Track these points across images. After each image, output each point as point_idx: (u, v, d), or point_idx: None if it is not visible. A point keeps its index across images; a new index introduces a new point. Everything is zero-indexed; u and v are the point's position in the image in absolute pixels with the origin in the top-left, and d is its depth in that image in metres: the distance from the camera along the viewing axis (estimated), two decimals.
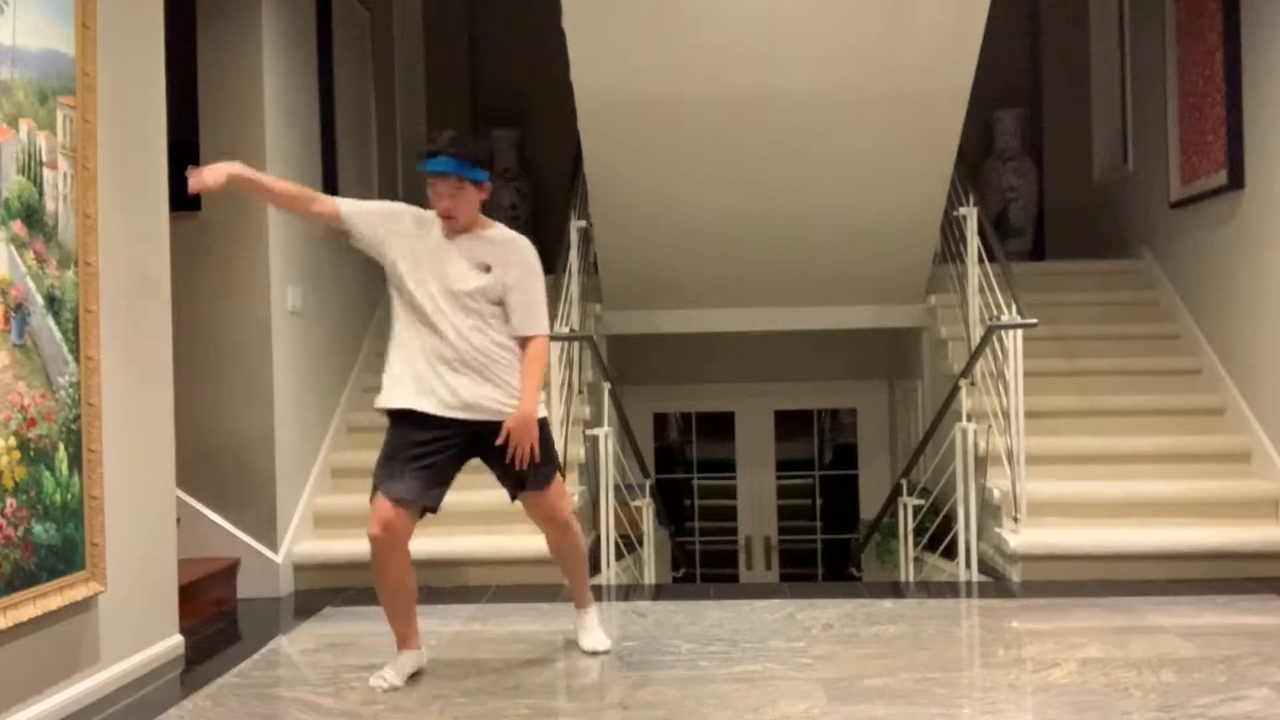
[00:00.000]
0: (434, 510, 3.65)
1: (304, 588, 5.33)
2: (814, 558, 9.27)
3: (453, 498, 6.05)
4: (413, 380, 3.59)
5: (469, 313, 3.60)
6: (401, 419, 3.62)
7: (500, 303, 3.65)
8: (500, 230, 3.75)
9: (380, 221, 3.69)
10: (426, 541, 5.43)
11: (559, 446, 5.55)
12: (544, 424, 3.75)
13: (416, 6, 8.52)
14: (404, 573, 3.62)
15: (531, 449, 3.66)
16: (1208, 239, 6.37)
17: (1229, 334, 6.15)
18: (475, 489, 5.74)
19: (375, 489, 3.56)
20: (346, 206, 3.70)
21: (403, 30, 8.09)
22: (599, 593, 5.44)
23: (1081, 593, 4.84)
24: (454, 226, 3.64)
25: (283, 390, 5.35)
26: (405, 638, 3.73)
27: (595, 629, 4.06)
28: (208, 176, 3.44)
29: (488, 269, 3.63)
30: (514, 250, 3.71)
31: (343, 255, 3.98)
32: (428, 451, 3.58)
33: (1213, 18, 6.06)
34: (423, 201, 3.78)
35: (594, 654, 3.96)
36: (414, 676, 3.72)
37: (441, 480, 3.64)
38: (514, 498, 3.84)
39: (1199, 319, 6.52)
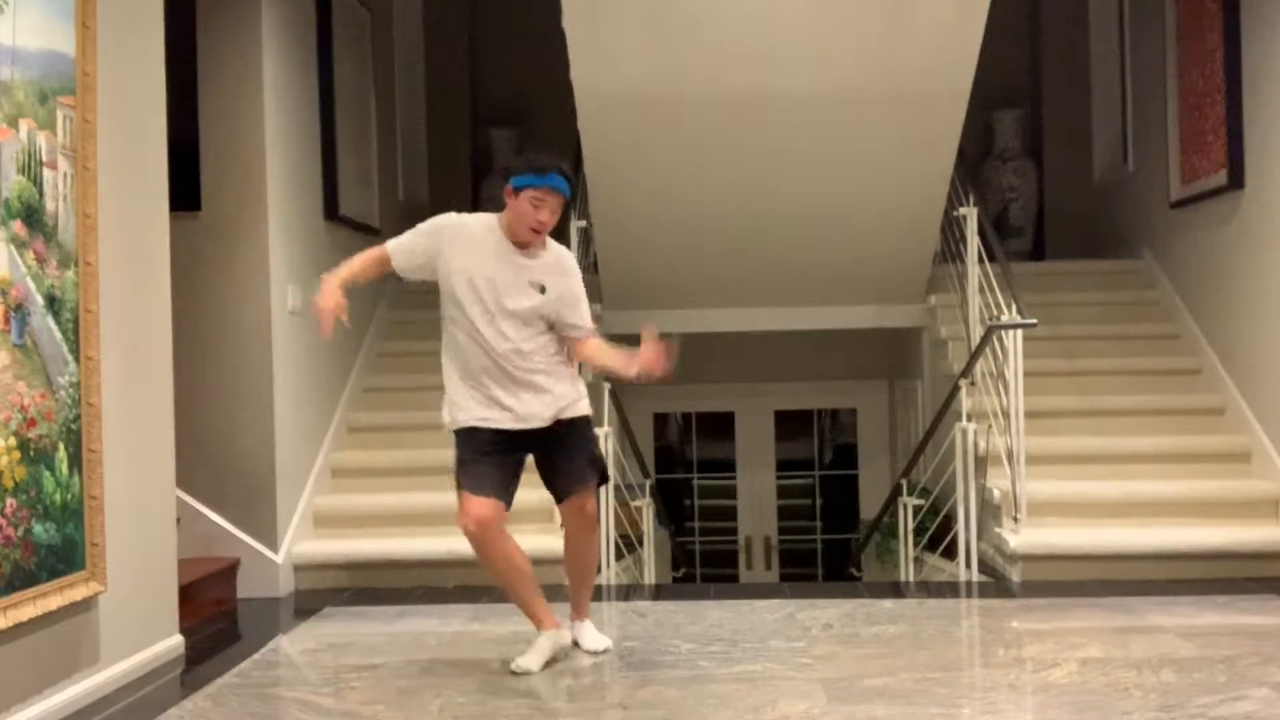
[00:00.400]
0: (508, 506, 3.77)
1: (304, 588, 5.33)
2: (814, 558, 9.27)
3: (453, 498, 6.05)
4: (476, 400, 3.70)
5: (521, 327, 3.67)
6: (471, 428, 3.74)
7: (551, 317, 3.74)
8: (554, 249, 3.82)
9: (422, 249, 3.77)
10: (427, 541, 5.45)
11: None
12: (589, 422, 3.87)
13: (416, 6, 8.52)
14: (511, 552, 3.75)
15: (592, 441, 3.89)
16: (1208, 239, 6.37)
17: (1229, 334, 6.15)
18: None
19: (460, 488, 3.70)
20: (392, 247, 3.81)
21: (403, 30, 8.09)
22: (599, 593, 5.45)
23: (1081, 593, 4.84)
24: (534, 241, 3.71)
25: (283, 390, 5.35)
26: (536, 619, 3.85)
27: (594, 631, 4.07)
28: (327, 306, 3.63)
29: (543, 289, 3.69)
30: (566, 269, 3.80)
31: (342, 256, 3.97)
32: (497, 449, 3.71)
33: (1213, 18, 6.06)
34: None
35: (597, 653, 3.97)
36: (413, 677, 3.72)
37: (515, 475, 3.79)
38: (565, 497, 3.87)
39: (1199, 319, 6.52)
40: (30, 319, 3.26)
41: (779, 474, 9.23)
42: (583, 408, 3.84)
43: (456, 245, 3.72)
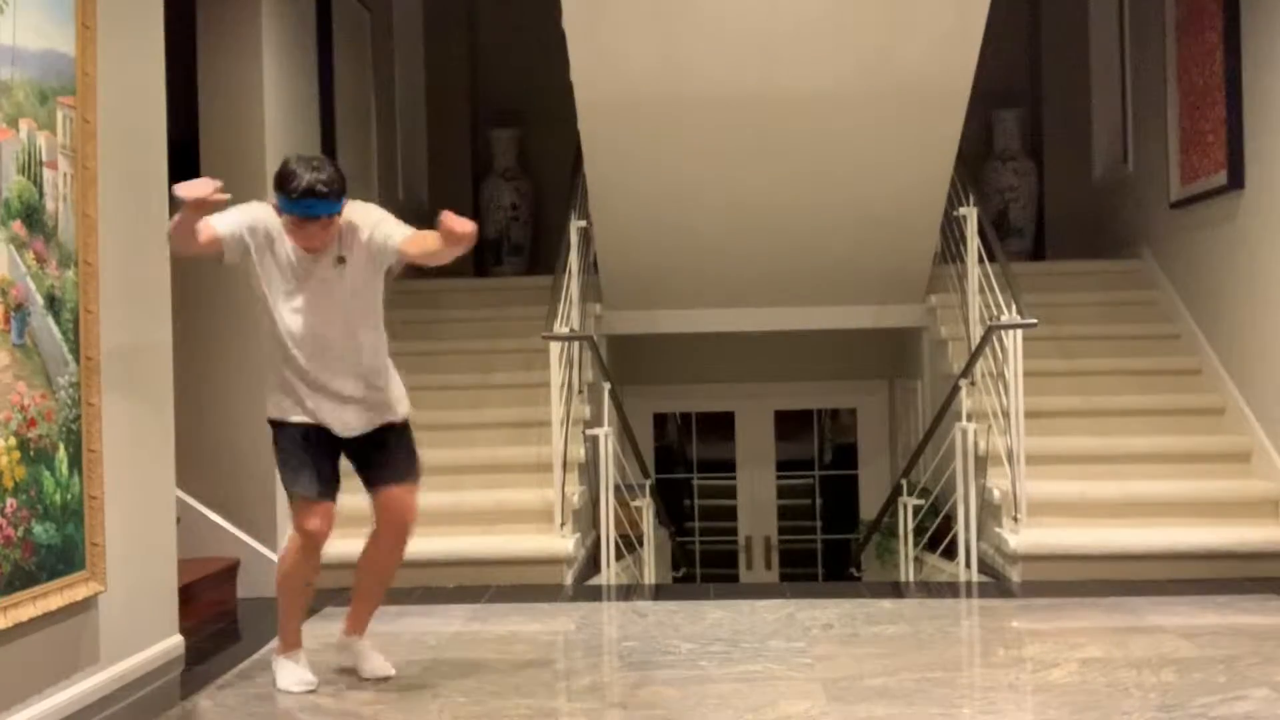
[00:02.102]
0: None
1: None
2: (814, 558, 9.27)
3: (453, 498, 6.06)
4: (300, 398, 3.54)
5: (346, 321, 3.53)
6: (291, 425, 3.57)
7: (368, 282, 3.55)
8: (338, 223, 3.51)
9: (248, 233, 3.47)
10: (427, 541, 5.43)
11: (559, 447, 5.58)
12: (408, 425, 3.72)
13: (416, 6, 8.52)
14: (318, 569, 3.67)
15: (408, 438, 3.69)
16: (1208, 239, 6.37)
17: (1229, 334, 6.15)
18: (475, 489, 5.78)
19: (292, 492, 3.54)
20: (223, 227, 3.44)
21: (403, 30, 8.09)
22: (599, 593, 5.46)
23: (1081, 593, 4.84)
24: (313, 254, 3.48)
25: None
26: (296, 640, 3.72)
27: (376, 654, 3.78)
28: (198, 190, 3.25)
29: (342, 260, 3.49)
30: (359, 216, 3.54)
31: None
32: (321, 452, 3.57)
33: (1213, 17, 6.06)
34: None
35: (382, 679, 3.69)
36: (413, 677, 3.71)
37: (336, 475, 3.63)
38: (379, 486, 3.64)
39: (1199, 319, 6.52)
40: (30, 319, 3.26)
41: (779, 474, 9.22)
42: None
43: (265, 246, 3.49)
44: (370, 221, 3.54)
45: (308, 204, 3.35)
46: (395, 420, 3.66)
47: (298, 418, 3.54)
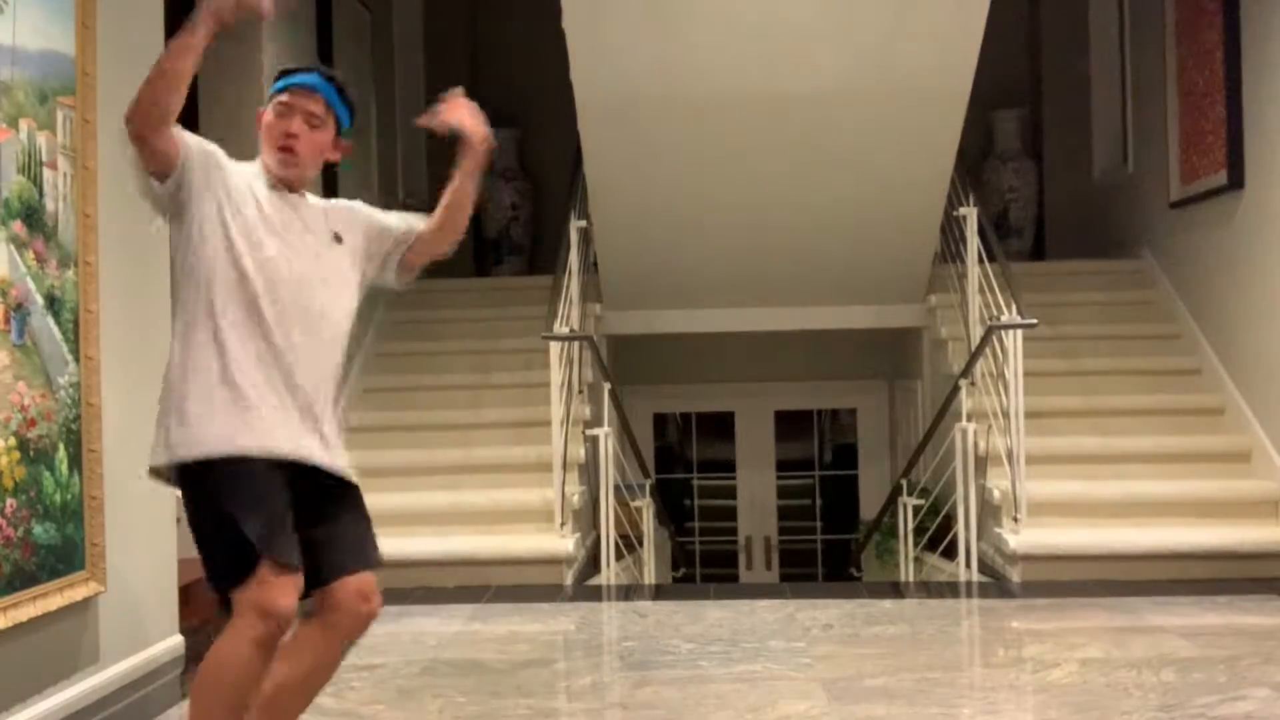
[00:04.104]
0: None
1: None
2: (814, 558, 9.27)
3: (452, 498, 6.04)
4: (265, 410, 2.53)
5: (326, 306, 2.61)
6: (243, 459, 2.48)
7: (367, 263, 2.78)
8: (329, 202, 2.82)
9: (211, 156, 2.58)
10: (427, 541, 5.46)
11: (559, 447, 5.58)
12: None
13: (416, 7, 8.52)
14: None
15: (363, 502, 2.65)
16: (1208, 239, 6.37)
17: (1229, 334, 6.15)
18: (474, 489, 5.77)
19: (254, 555, 2.39)
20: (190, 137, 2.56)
21: (403, 30, 8.09)
22: (599, 593, 5.45)
23: (1081, 593, 4.84)
24: (290, 169, 2.62)
25: None
26: None
27: None
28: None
29: (339, 239, 2.71)
30: (350, 206, 2.88)
31: None
32: (286, 500, 2.50)
33: (1212, 17, 6.06)
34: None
35: None
36: (413, 677, 3.71)
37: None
38: (336, 570, 2.50)
39: (1199, 319, 6.52)
40: (30, 319, 3.26)
41: (779, 474, 9.22)
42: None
43: (228, 194, 2.57)
44: (377, 212, 2.91)
45: (312, 75, 2.66)
46: (348, 474, 2.59)
47: (254, 443, 2.49)
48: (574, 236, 6.45)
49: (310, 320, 2.56)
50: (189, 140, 2.54)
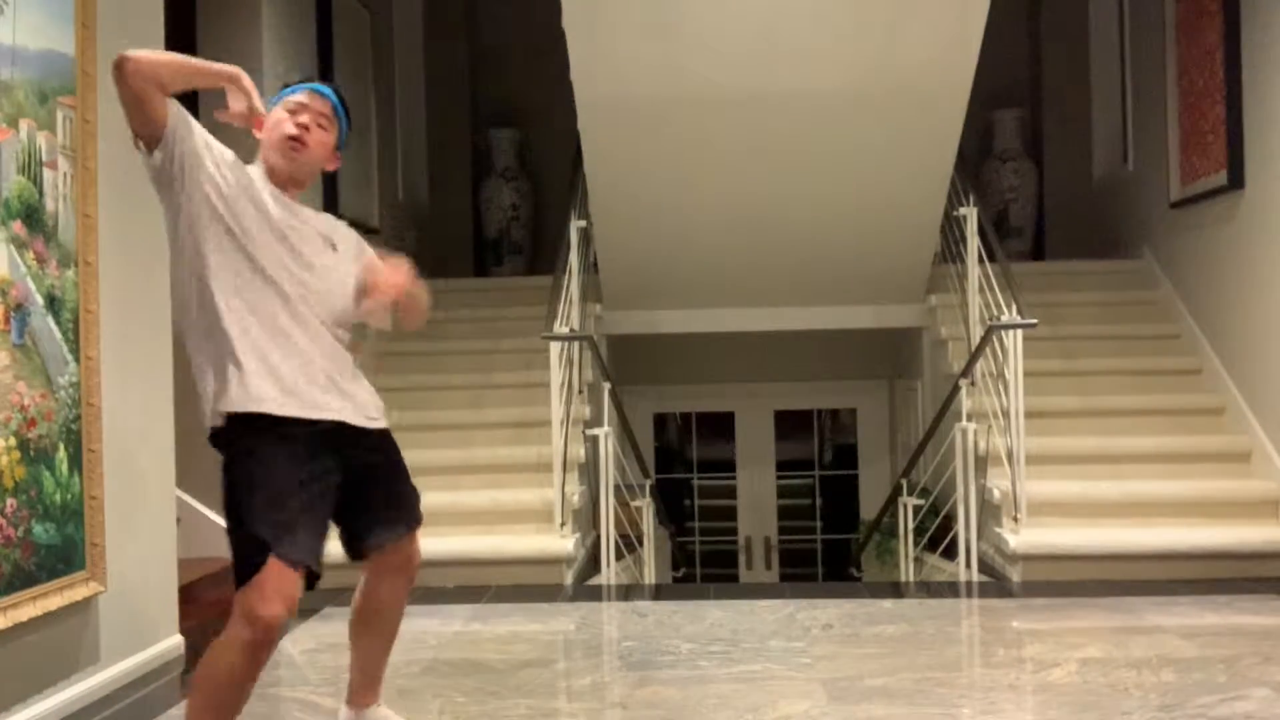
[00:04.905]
0: (319, 575, 2.69)
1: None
2: (814, 558, 9.27)
3: (452, 498, 6.05)
4: (295, 379, 2.63)
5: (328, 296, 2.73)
6: (279, 439, 2.62)
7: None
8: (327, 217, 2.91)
9: (206, 136, 2.69)
10: (427, 541, 5.43)
11: (559, 447, 5.59)
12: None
13: (417, 7, 8.52)
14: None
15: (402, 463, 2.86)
16: (1208, 239, 6.37)
17: (1229, 334, 6.15)
18: (475, 489, 5.78)
19: (263, 549, 2.57)
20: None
21: (403, 30, 8.09)
22: (599, 593, 5.45)
23: (1081, 593, 4.84)
24: (296, 161, 2.73)
25: None
26: None
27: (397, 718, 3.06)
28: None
29: (335, 247, 2.79)
30: (352, 235, 2.92)
31: None
32: (318, 490, 2.65)
33: (1213, 17, 6.06)
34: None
35: None
36: (413, 677, 3.71)
37: (325, 530, 2.71)
38: (382, 544, 2.85)
39: (1199, 319, 6.52)
40: (30, 319, 3.26)
41: (779, 474, 9.22)
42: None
43: (233, 178, 2.69)
44: (365, 248, 2.94)
45: (318, 85, 2.84)
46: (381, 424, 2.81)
47: (293, 411, 2.62)
48: (574, 236, 6.46)
49: (323, 303, 2.69)
50: (187, 118, 2.64)
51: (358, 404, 2.74)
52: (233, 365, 2.59)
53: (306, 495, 2.59)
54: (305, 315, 2.66)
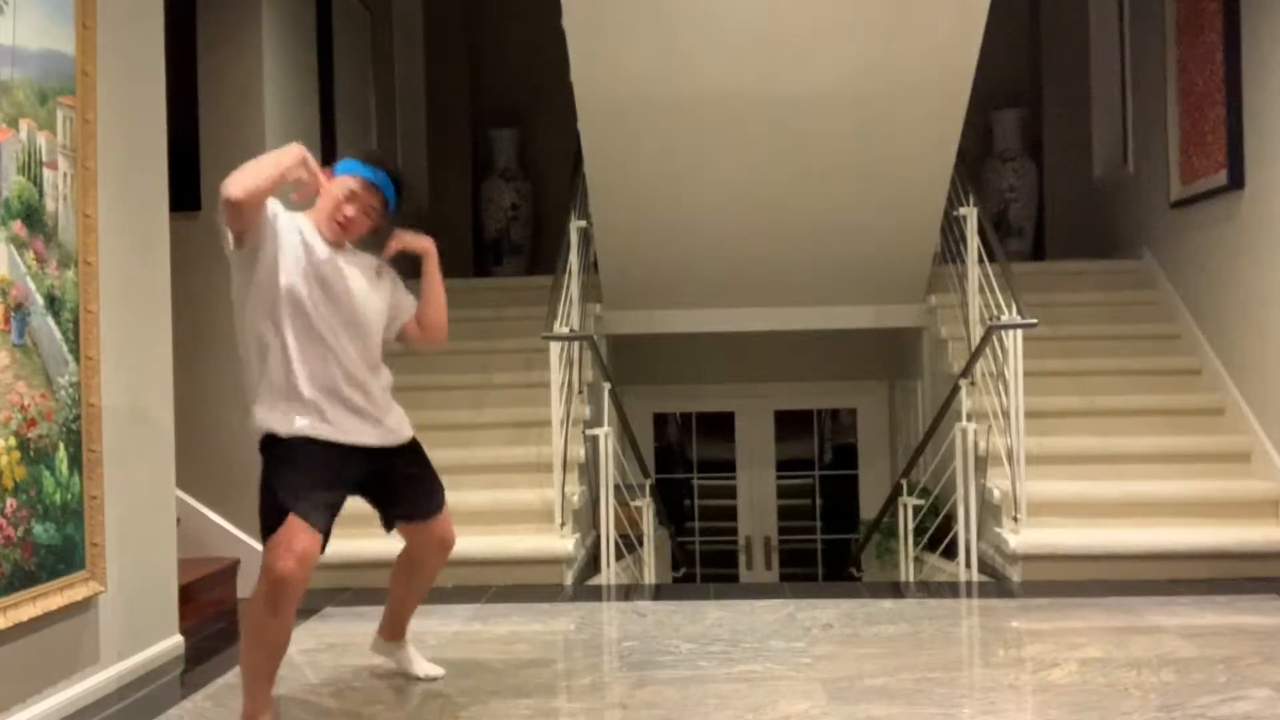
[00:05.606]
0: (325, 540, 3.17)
1: None
2: (814, 558, 9.27)
3: (452, 498, 6.03)
4: (334, 413, 3.23)
5: (370, 333, 3.34)
6: (311, 450, 3.18)
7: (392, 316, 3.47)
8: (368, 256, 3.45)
9: (273, 229, 3.19)
10: None
11: (559, 447, 5.59)
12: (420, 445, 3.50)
13: (417, 7, 8.52)
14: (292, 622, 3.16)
15: (424, 460, 3.49)
16: (1208, 239, 6.37)
17: (1229, 334, 6.15)
18: (475, 489, 5.77)
19: (283, 514, 3.03)
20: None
21: (403, 30, 8.09)
22: (599, 593, 5.46)
23: (1081, 593, 4.84)
24: (337, 239, 3.29)
25: None
26: (264, 704, 3.18)
27: (421, 657, 3.76)
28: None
29: (376, 278, 3.38)
30: (386, 268, 3.48)
31: None
32: (336, 480, 3.20)
33: (1212, 17, 6.06)
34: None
35: (434, 679, 3.69)
36: (413, 676, 3.71)
37: (336, 509, 3.23)
38: (411, 519, 3.48)
39: (1199, 319, 6.52)
40: (30, 319, 3.26)
41: (779, 474, 9.22)
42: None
43: (287, 235, 3.21)
44: (399, 283, 3.53)
45: (382, 174, 3.31)
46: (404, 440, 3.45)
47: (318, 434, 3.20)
48: (574, 236, 6.45)
49: (356, 328, 3.27)
50: (269, 219, 3.15)
51: (385, 429, 3.34)
52: (282, 397, 3.16)
53: (326, 480, 3.13)
54: (344, 348, 3.23)
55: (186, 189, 5.06)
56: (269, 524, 3.04)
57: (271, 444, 3.15)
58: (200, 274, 5.13)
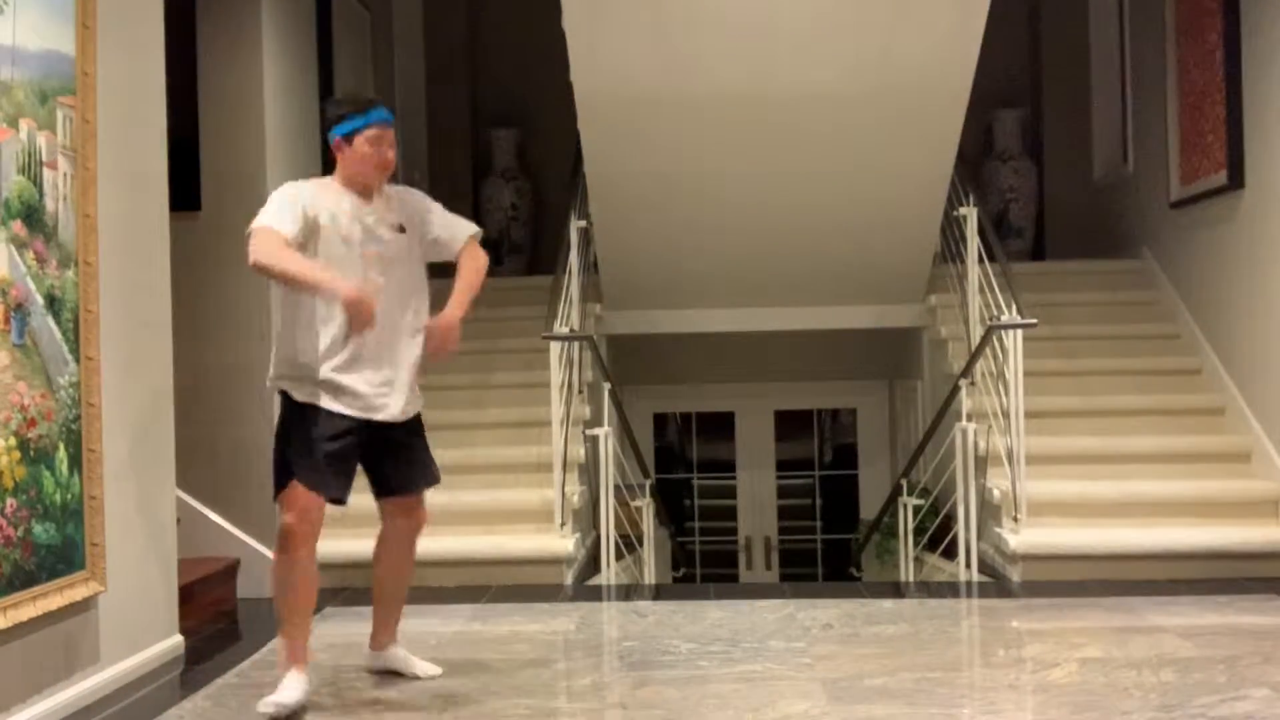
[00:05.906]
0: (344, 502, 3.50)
1: None
2: (814, 558, 9.27)
3: (452, 498, 6.04)
4: (352, 383, 3.43)
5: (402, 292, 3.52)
6: (326, 412, 3.43)
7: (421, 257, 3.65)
8: (389, 189, 3.63)
9: (302, 219, 3.39)
10: (427, 541, 5.43)
11: (559, 447, 5.59)
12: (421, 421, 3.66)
13: (417, 6, 8.52)
14: (316, 570, 3.49)
15: (423, 435, 3.64)
16: (1208, 239, 6.37)
17: (1229, 334, 6.15)
18: (475, 489, 5.78)
19: (289, 473, 3.40)
20: (277, 225, 3.33)
21: (403, 30, 8.09)
22: (599, 593, 5.46)
23: (1081, 593, 4.84)
24: (386, 179, 3.56)
25: None
26: (302, 655, 3.47)
27: (415, 657, 3.78)
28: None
29: (402, 229, 3.56)
30: (411, 196, 3.71)
31: None
32: (346, 446, 3.46)
33: (1213, 17, 6.06)
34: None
35: (432, 678, 3.70)
36: (413, 676, 3.71)
37: (351, 472, 3.53)
38: (400, 493, 3.64)
39: (1199, 319, 6.52)
40: (30, 319, 3.26)
41: (779, 474, 9.22)
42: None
43: (320, 219, 3.43)
44: (429, 208, 3.72)
45: (378, 109, 3.51)
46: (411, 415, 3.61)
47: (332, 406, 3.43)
48: (574, 236, 6.45)
49: (386, 295, 3.43)
50: (294, 231, 3.32)
51: (396, 406, 3.48)
52: (306, 370, 3.41)
53: (333, 446, 3.40)
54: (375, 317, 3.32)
55: (186, 189, 5.06)
56: (277, 478, 3.47)
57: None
58: (200, 274, 5.14)
